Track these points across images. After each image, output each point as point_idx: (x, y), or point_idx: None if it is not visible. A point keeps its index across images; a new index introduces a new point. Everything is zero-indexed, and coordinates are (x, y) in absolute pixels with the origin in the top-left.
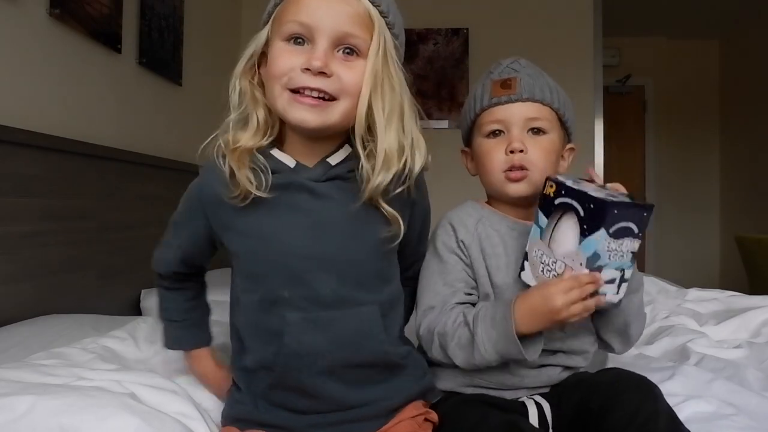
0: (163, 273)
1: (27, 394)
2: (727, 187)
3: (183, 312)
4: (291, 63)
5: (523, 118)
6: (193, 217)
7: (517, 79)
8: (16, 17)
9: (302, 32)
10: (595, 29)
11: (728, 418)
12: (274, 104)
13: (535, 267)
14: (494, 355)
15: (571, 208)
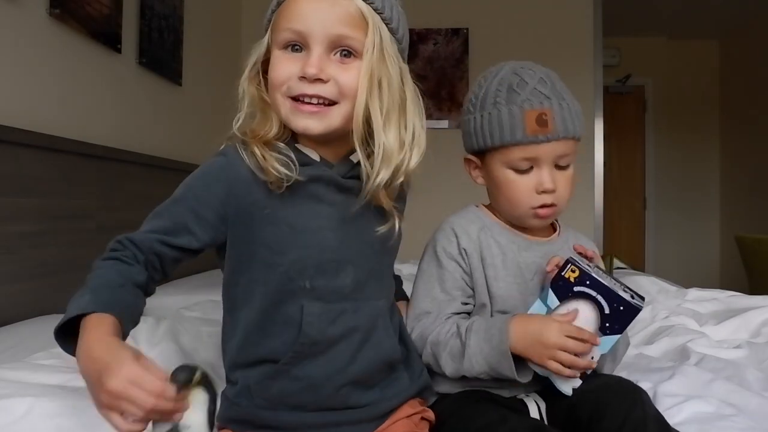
0: (122, 240)
1: (25, 396)
2: (727, 186)
3: (113, 283)
4: (289, 71)
5: (554, 155)
6: (207, 195)
7: (551, 112)
8: (16, 17)
9: (297, 39)
10: (595, 29)
11: (728, 419)
12: (278, 112)
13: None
14: (484, 366)
15: (592, 299)
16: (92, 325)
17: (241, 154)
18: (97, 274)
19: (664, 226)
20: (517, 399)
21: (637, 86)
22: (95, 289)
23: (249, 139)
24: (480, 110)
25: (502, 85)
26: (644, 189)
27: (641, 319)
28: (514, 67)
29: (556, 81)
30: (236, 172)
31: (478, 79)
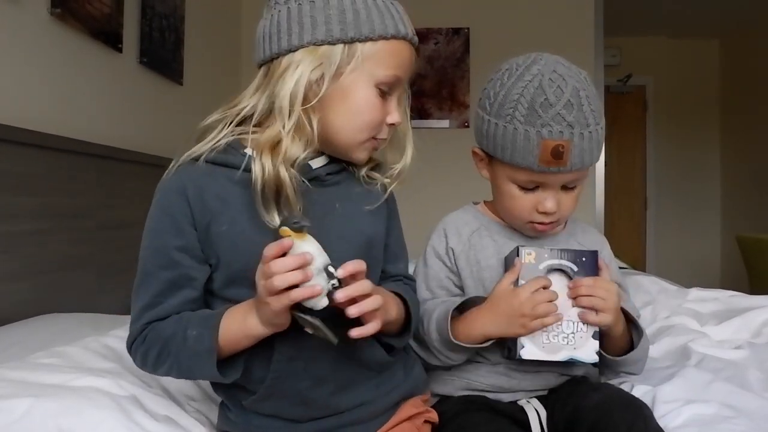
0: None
1: (25, 396)
2: (728, 186)
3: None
4: (380, 116)
5: (563, 182)
6: (181, 228)
7: (570, 144)
8: (17, 17)
9: (394, 84)
10: (596, 29)
11: (728, 421)
12: (342, 135)
13: (537, 339)
14: (435, 333)
15: (558, 271)
16: (231, 319)
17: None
18: (169, 333)
19: (665, 226)
20: (518, 406)
21: (638, 86)
22: (193, 325)
23: (282, 163)
24: (495, 117)
25: (524, 96)
26: (645, 189)
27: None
28: (542, 75)
29: (585, 99)
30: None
31: (501, 71)
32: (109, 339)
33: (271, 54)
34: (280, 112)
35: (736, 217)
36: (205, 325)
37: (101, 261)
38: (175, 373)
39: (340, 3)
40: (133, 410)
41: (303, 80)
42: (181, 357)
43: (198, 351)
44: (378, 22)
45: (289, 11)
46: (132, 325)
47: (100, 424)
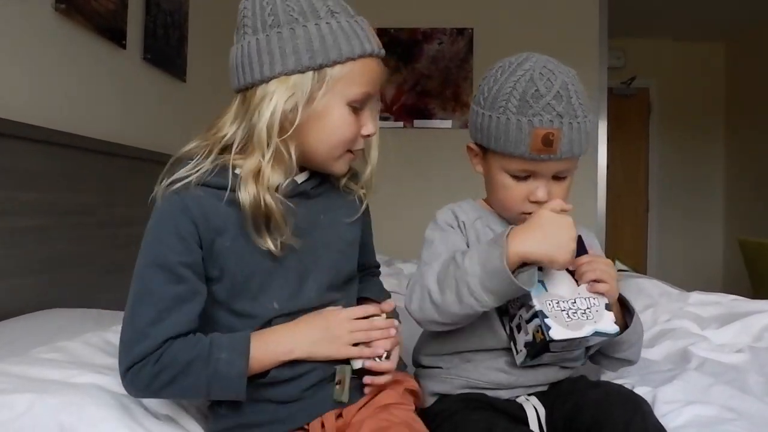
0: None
1: (26, 392)
2: (731, 190)
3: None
4: (355, 130)
5: (554, 171)
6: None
7: (560, 133)
8: (22, 12)
9: (365, 100)
10: (600, 30)
11: (729, 423)
12: (319, 153)
13: (559, 318)
14: (479, 272)
15: None
16: (262, 343)
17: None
18: (192, 356)
19: (667, 229)
20: (516, 403)
21: (642, 88)
22: (213, 348)
23: (265, 189)
24: (489, 109)
25: (516, 89)
26: (647, 191)
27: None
28: (533, 70)
29: (574, 93)
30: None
31: (494, 68)
32: (110, 334)
33: (245, 83)
34: (259, 143)
35: (739, 221)
36: (235, 350)
37: (103, 257)
38: (193, 394)
39: (306, 32)
40: (135, 408)
41: (278, 112)
42: (208, 380)
43: (229, 375)
44: (344, 45)
45: (258, 42)
46: (134, 346)
47: (101, 421)
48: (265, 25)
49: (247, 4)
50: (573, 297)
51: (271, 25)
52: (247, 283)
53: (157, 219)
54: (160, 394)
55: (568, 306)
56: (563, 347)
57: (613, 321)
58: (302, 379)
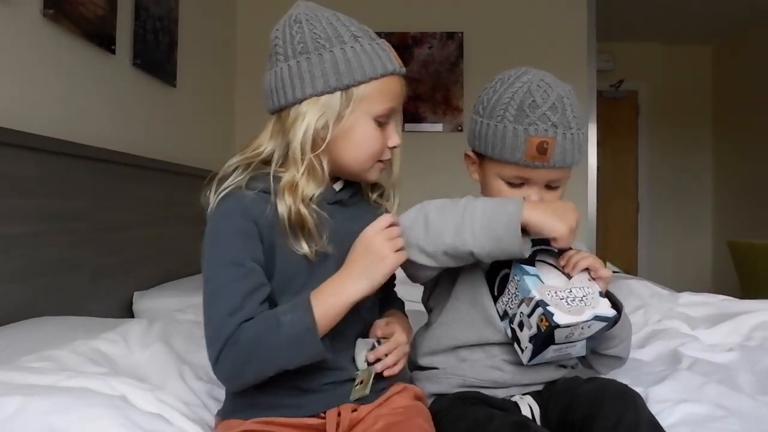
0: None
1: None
2: (720, 191)
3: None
4: (381, 143)
5: (547, 179)
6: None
7: (553, 142)
8: (9, 18)
9: (389, 114)
10: (589, 34)
11: (720, 420)
12: (352, 165)
13: (560, 306)
14: (489, 211)
15: (544, 253)
16: (321, 295)
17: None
18: (260, 328)
19: (657, 231)
20: (512, 402)
21: (631, 91)
22: (278, 315)
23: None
24: (488, 117)
25: (514, 99)
26: (637, 193)
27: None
28: (531, 82)
29: (569, 105)
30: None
31: (494, 80)
32: (98, 342)
33: (280, 105)
34: (294, 159)
35: (728, 222)
36: (296, 309)
37: (94, 264)
38: (274, 364)
39: (332, 56)
40: (126, 407)
41: (310, 130)
42: (280, 345)
43: (298, 333)
44: (368, 66)
45: (290, 68)
46: (217, 335)
47: (93, 421)
48: (296, 52)
49: (278, 33)
50: (568, 287)
51: (300, 51)
52: (291, 282)
53: (218, 221)
54: (247, 375)
55: (566, 295)
56: (566, 336)
57: (609, 306)
58: (326, 375)
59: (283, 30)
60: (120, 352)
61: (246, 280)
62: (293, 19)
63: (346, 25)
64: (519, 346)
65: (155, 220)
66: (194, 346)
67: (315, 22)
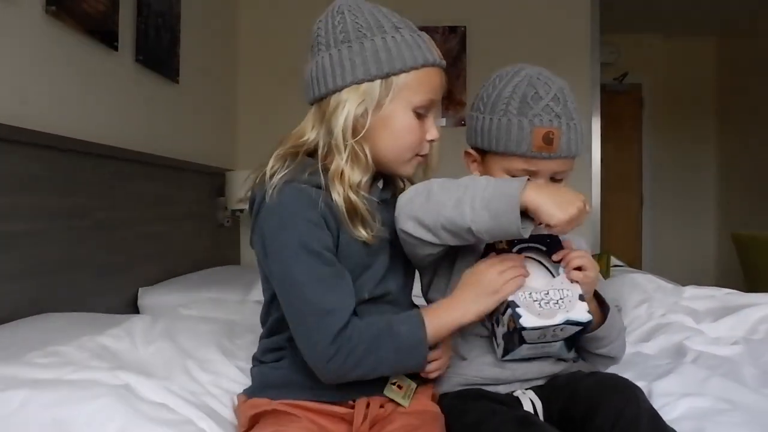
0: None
1: (20, 388)
2: (724, 184)
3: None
4: (420, 135)
5: (553, 171)
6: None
7: (559, 132)
8: (12, 14)
9: (429, 106)
10: (592, 27)
11: (724, 414)
12: (389, 155)
13: (531, 309)
14: (492, 188)
15: (531, 250)
16: (431, 317)
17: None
18: (375, 332)
19: (661, 224)
20: (513, 397)
21: (634, 84)
22: (392, 324)
23: (348, 188)
24: (490, 113)
25: (516, 93)
26: (641, 187)
27: (638, 316)
28: (530, 76)
29: (568, 97)
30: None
31: (492, 78)
32: (104, 338)
33: (320, 94)
34: (337, 146)
35: (732, 215)
36: (413, 322)
37: (98, 260)
38: (378, 370)
39: (372, 45)
40: (130, 397)
41: (350, 117)
42: (390, 352)
43: (412, 343)
44: (408, 55)
45: (331, 56)
46: (323, 330)
47: (97, 412)
48: (337, 41)
49: (320, 25)
50: (546, 289)
51: (342, 41)
52: (352, 272)
53: (285, 210)
54: (356, 371)
55: (541, 297)
56: (537, 337)
57: (585, 310)
58: None
59: (325, 21)
60: (125, 348)
61: (328, 268)
62: (335, 10)
63: (387, 17)
64: (495, 341)
65: (159, 217)
66: (199, 342)
67: (357, 12)
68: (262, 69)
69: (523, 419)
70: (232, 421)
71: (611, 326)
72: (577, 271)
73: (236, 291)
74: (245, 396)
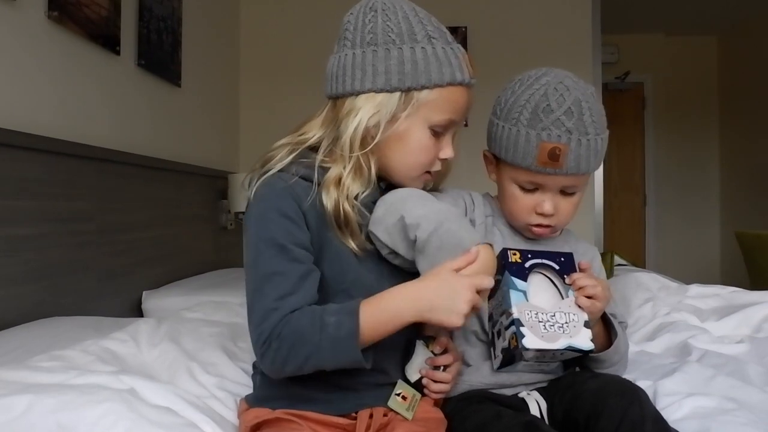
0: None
1: (25, 393)
2: (727, 182)
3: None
4: (433, 154)
5: (561, 186)
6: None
7: (567, 149)
8: (14, 19)
9: (448, 126)
10: (593, 26)
11: (729, 413)
12: (397, 171)
13: (535, 329)
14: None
15: (543, 267)
16: (371, 306)
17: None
18: (305, 323)
19: (665, 223)
20: (518, 398)
21: (636, 83)
22: (323, 315)
23: (345, 199)
24: (503, 120)
25: (529, 102)
26: (644, 186)
27: (642, 315)
28: (549, 85)
29: (587, 109)
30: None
31: (514, 81)
32: (108, 342)
33: (336, 93)
34: (342, 154)
35: (736, 213)
36: (344, 312)
37: (102, 264)
38: (312, 362)
39: (400, 54)
40: (134, 401)
41: (361, 126)
42: (321, 344)
43: (338, 336)
44: (435, 71)
45: (354, 56)
46: (262, 324)
47: (101, 418)
48: (363, 42)
49: (351, 18)
50: (553, 311)
51: (369, 42)
52: (342, 276)
53: (265, 202)
54: (289, 366)
55: (547, 318)
56: (536, 357)
57: (589, 338)
58: (365, 375)
59: (356, 15)
60: (129, 351)
61: (294, 265)
62: (369, 6)
63: (423, 23)
64: (494, 351)
65: (162, 220)
66: (202, 345)
67: (391, 13)
68: (264, 72)
69: (529, 424)
70: (236, 425)
71: (615, 352)
72: (587, 298)
73: (239, 294)
74: (247, 404)
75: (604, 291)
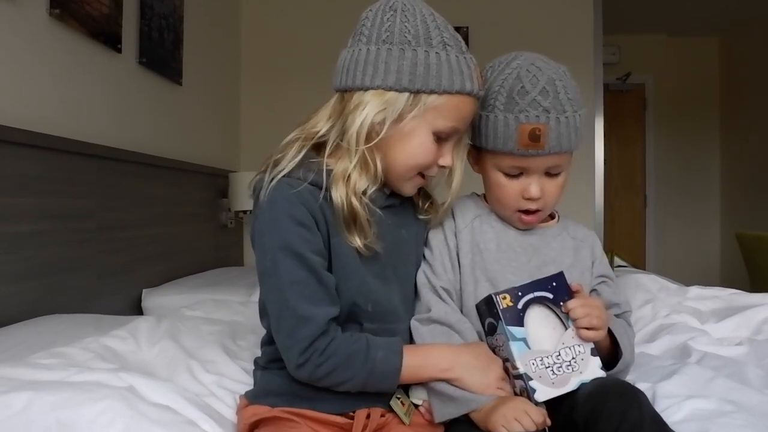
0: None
1: (24, 390)
2: (728, 184)
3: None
4: (433, 158)
5: (545, 167)
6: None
7: (546, 128)
8: (16, 16)
9: (451, 133)
10: (595, 27)
11: (728, 416)
12: (394, 170)
13: (545, 378)
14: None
15: (537, 300)
16: (413, 356)
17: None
18: (353, 349)
19: (665, 224)
20: None
21: (637, 84)
22: (371, 347)
23: (353, 195)
24: (481, 108)
25: (503, 87)
26: (645, 186)
27: (642, 317)
28: (521, 67)
29: (561, 87)
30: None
31: (486, 69)
32: (108, 339)
33: (346, 86)
34: (348, 149)
35: (736, 215)
36: (390, 350)
37: (102, 262)
38: (350, 384)
39: (413, 55)
40: (133, 399)
41: (367, 121)
42: (362, 373)
43: (386, 371)
44: (446, 78)
45: (368, 52)
46: (296, 333)
47: (100, 416)
48: (379, 39)
49: (369, 15)
50: (557, 349)
51: (384, 40)
52: (345, 281)
53: (274, 213)
54: (323, 381)
55: (552, 361)
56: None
57: (599, 367)
58: None
59: (375, 12)
60: (129, 349)
61: (316, 272)
62: (389, 5)
63: (440, 29)
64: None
65: (162, 218)
66: (202, 343)
67: (410, 15)
68: (265, 71)
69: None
70: (235, 423)
71: (623, 364)
72: (588, 330)
73: (239, 292)
74: (246, 401)
75: (601, 315)
